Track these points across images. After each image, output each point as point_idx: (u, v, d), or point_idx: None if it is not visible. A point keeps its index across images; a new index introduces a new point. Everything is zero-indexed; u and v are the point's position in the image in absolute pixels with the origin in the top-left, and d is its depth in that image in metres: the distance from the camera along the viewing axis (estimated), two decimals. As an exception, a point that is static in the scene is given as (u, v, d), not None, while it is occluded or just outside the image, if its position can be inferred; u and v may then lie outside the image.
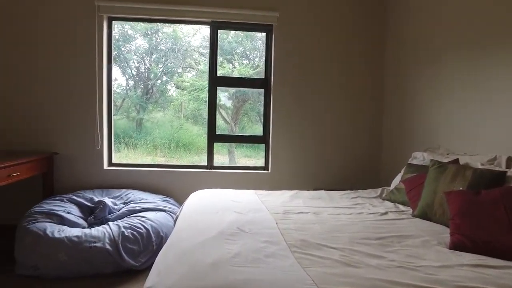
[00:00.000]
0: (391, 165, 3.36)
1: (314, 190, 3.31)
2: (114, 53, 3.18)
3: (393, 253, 1.49)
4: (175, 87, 8.03)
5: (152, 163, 3.73)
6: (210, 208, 2.07)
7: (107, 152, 3.18)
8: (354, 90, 3.44)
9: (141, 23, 3.93)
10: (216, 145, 5.72)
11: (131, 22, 3.82)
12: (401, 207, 2.31)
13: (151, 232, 2.54)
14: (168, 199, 3.07)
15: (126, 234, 2.43)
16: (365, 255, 1.44)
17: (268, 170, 3.40)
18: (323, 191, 2.71)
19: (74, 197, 2.82)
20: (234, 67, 5.49)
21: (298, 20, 3.25)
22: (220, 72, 4.33)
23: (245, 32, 3.81)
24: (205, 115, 6.41)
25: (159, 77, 5.52)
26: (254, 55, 6.20)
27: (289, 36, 3.27)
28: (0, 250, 2.69)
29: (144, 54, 4.96)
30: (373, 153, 3.52)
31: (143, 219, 2.61)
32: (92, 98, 3.02)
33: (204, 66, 5.83)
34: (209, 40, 3.30)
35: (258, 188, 3.19)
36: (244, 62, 6.25)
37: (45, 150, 3.04)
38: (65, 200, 2.80)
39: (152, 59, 5.29)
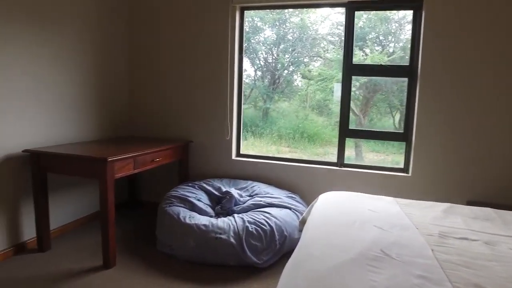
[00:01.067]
0: None
1: (468, 203, 2.63)
2: (244, 44, 3.19)
3: None
4: (301, 77, 7.83)
5: (278, 155, 3.65)
6: (344, 217, 1.76)
7: (235, 143, 3.25)
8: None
9: (271, 14, 3.84)
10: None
11: (261, 13, 3.79)
12: None
13: (275, 230, 2.42)
14: (293, 195, 2.91)
15: (250, 229, 2.37)
16: None
17: (408, 173, 2.85)
18: (489, 209, 2.06)
19: (204, 185, 2.96)
20: (366, 54, 4.94)
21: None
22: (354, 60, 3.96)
23: (382, 12, 3.25)
24: (332, 106, 6.02)
25: (286, 67, 5.43)
26: (389, 40, 5.48)
27: (445, 13, 2.58)
28: (149, 224, 3.14)
29: (272, 45, 4.94)
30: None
31: (267, 215, 2.52)
32: (224, 89, 3.10)
33: (334, 54, 5.42)
34: (344, 24, 2.91)
35: (395, 194, 2.71)
36: (377, 48, 5.58)
37: (182, 139, 3.31)
38: (196, 187, 2.96)
39: (279, 49, 5.23)
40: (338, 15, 4.14)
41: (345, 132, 3.40)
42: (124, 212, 3.34)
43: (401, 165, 2.96)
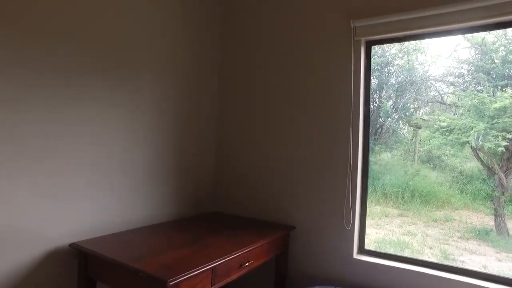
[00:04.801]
0: None
1: None
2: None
3: None
4: (409, 125, 6.66)
5: (428, 259, 2.43)
6: None
7: (357, 233, 2.20)
8: None
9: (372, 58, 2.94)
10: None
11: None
12: None
13: None
14: None
15: None
16: None
17: None
18: None
19: (314, 301, 1.95)
20: None
21: None
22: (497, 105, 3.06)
23: None
24: (445, 158, 5.00)
25: (390, 114, 4.77)
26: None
27: None
28: None
29: (372, 91, 4.39)
30: None
31: None
32: (344, 155, 2.12)
33: (457, 98, 4.39)
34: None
35: None
36: None
37: (282, 223, 2.39)
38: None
39: (382, 95, 4.64)
40: (458, 51, 3.31)
41: None
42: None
43: None
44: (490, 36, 4.62)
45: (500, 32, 4.53)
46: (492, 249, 4.47)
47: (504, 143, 3.91)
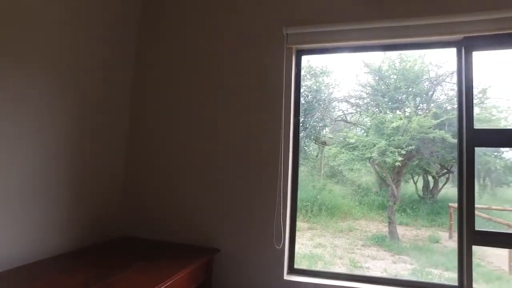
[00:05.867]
0: None
1: None
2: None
3: None
4: (315, 143, 7.07)
5: (359, 272, 2.38)
6: None
7: (287, 252, 2.05)
8: None
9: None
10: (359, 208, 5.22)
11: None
12: None
13: None
14: None
15: None
16: None
17: None
18: None
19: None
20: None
21: None
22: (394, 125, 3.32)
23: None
24: (346, 173, 5.67)
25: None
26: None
27: None
28: None
29: None
30: None
31: None
32: (274, 166, 1.93)
33: (360, 118, 4.95)
34: (456, 71, 1.81)
35: None
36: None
37: (203, 246, 2.05)
38: None
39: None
40: (359, 75, 3.74)
41: (472, 236, 1.66)
42: None
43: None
44: (384, 65, 5.26)
45: (391, 62, 5.19)
46: (388, 253, 4.96)
47: (400, 158, 4.43)
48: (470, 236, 1.66)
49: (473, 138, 1.74)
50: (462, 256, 1.68)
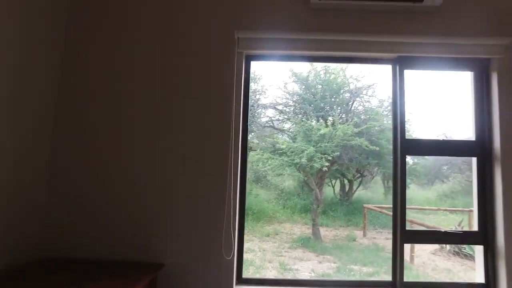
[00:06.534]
0: None
1: None
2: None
3: None
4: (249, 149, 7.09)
5: (302, 277, 2.38)
6: None
7: (236, 262, 1.97)
8: None
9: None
10: (286, 212, 5.19)
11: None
12: None
13: None
14: None
15: None
16: None
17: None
18: None
19: None
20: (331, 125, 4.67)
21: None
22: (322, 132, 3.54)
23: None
24: (270, 178, 5.62)
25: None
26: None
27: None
28: None
29: None
30: None
31: None
32: (223, 170, 1.82)
33: (288, 124, 5.06)
34: (392, 85, 1.98)
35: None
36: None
37: (145, 261, 1.83)
38: None
39: None
40: (288, 83, 4.00)
41: (404, 235, 1.80)
42: None
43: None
44: (311, 75, 5.57)
45: (317, 73, 5.53)
46: (313, 253, 5.24)
47: (327, 164, 4.73)
48: (403, 235, 1.84)
49: (406, 147, 1.95)
50: (396, 254, 1.84)
